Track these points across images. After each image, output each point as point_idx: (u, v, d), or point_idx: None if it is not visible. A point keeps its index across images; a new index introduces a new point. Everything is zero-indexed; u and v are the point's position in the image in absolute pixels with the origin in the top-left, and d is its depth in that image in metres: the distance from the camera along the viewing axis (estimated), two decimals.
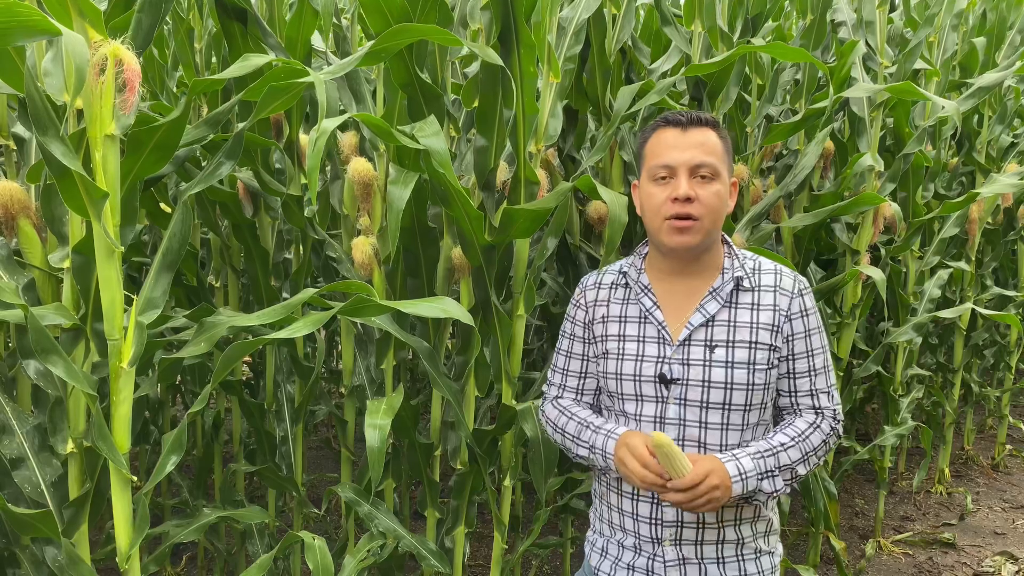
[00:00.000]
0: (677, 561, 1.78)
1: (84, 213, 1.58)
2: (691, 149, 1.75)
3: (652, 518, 1.80)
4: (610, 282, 1.92)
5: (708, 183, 1.75)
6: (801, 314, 1.80)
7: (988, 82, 3.60)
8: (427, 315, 1.75)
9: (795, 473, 1.75)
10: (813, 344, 1.81)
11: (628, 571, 1.84)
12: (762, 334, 1.76)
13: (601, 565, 1.90)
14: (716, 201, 1.75)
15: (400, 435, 2.63)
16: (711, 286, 1.80)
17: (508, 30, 2.14)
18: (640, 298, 1.85)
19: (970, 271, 4.59)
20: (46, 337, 1.61)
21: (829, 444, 1.81)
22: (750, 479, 1.68)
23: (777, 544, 1.90)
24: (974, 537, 4.54)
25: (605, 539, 1.92)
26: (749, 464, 1.69)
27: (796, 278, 1.83)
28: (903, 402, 4.19)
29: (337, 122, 1.73)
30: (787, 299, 1.79)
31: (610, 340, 1.86)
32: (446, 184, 2.06)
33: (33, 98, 1.44)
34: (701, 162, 1.75)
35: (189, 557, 3.99)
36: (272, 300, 2.87)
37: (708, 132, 1.78)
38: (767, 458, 1.71)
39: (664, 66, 3.30)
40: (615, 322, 1.87)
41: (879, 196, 3.14)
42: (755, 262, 1.85)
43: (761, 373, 1.75)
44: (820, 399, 1.82)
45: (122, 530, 1.72)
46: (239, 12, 2.32)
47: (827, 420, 1.81)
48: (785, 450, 1.74)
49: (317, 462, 5.33)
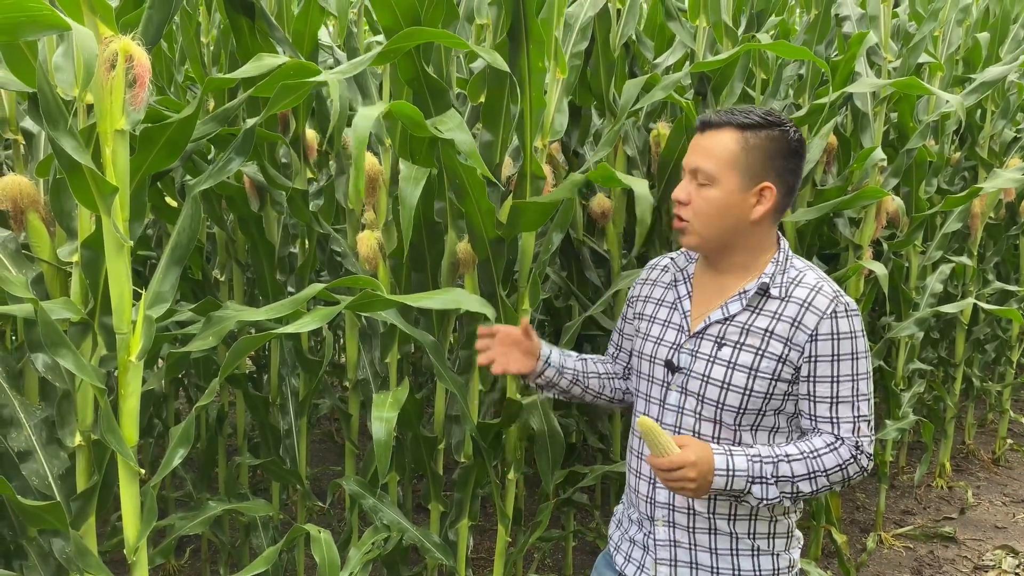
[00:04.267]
0: (668, 542, 1.82)
1: (93, 208, 1.59)
2: (695, 153, 1.76)
3: (648, 497, 1.86)
4: (663, 265, 2.00)
5: (703, 188, 1.74)
6: (831, 337, 1.69)
7: (991, 77, 3.61)
8: (439, 308, 1.76)
9: (796, 488, 1.68)
10: (841, 371, 1.70)
11: (630, 544, 1.93)
12: (774, 344, 1.71)
13: (614, 534, 2.02)
14: (705, 207, 1.73)
15: (404, 428, 2.64)
16: (743, 287, 1.79)
17: (518, 26, 2.15)
18: (676, 285, 1.91)
19: (972, 266, 4.59)
20: (55, 330, 1.62)
21: (847, 473, 1.70)
22: (738, 478, 1.64)
23: (789, 550, 1.84)
24: (975, 531, 4.56)
25: (623, 509, 2.02)
26: (742, 464, 1.65)
27: (837, 299, 1.71)
28: (904, 396, 4.20)
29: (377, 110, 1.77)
30: (815, 318, 1.69)
31: (643, 320, 1.94)
32: (465, 177, 2.07)
33: (44, 93, 1.45)
34: (696, 167, 1.75)
35: (193, 550, 4.00)
36: (277, 294, 2.88)
37: (723, 135, 1.72)
38: (765, 464, 1.66)
39: (668, 61, 3.30)
40: (652, 303, 1.94)
41: (883, 190, 3.14)
42: (799, 273, 1.77)
43: (763, 382, 1.72)
44: (840, 428, 1.71)
45: (130, 522, 1.73)
46: (247, 6, 2.32)
47: (847, 447, 1.70)
48: (789, 462, 1.68)
49: (320, 455, 5.34)
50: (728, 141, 1.72)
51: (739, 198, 1.72)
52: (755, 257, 1.80)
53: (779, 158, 1.73)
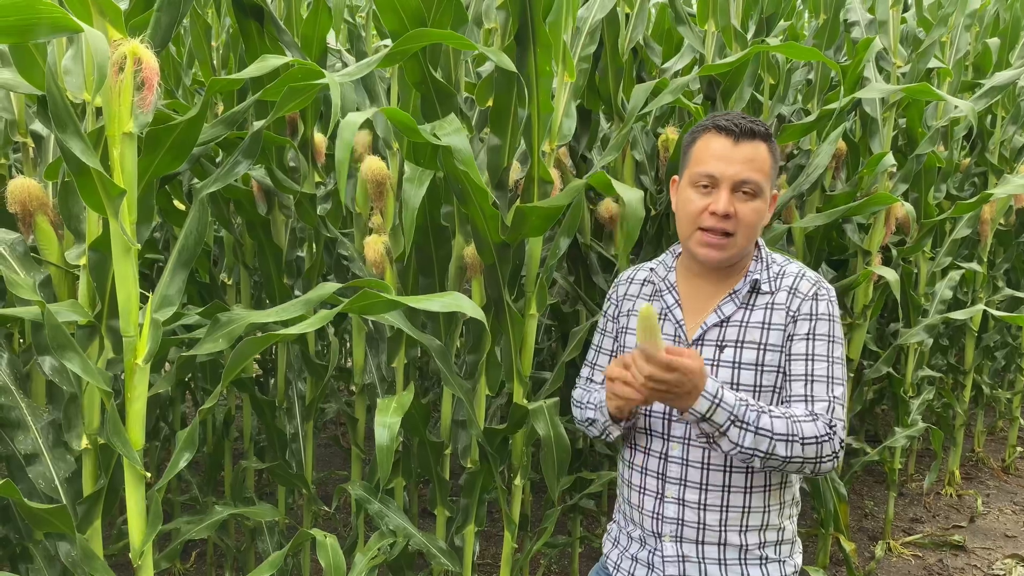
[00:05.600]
0: (676, 558, 1.79)
1: (101, 210, 1.59)
2: (738, 164, 1.72)
3: (654, 513, 1.82)
4: (642, 278, 1.97)
5: (749, 199, 1.74)
6: (809, 317, 1.73)
7: (1001, 81, 3.59)
8: (438, 310, 1.75)
9: (772, 448, 1.61)
10: (816, 349, 1.72)
11: (632, 562, 1.88)
12: (773, 335, 1.74)
13: (611, 553, 1.96)
14: (754, 218, 1.75)
15: (410, 433, 2.63)
16: (732, 288, 1.81)
17: (525, 29, 2.14)
18: (663, 295, 1.88)
19: (982, 272, 4.57)
20: (62, 333, 1.62)
21: (821, 449, 1.65)
22: (722, 410, 1.59)
23: (793, 555, 1.84)
24: (984, 539, 4.53)
25: (619, 528, 1.97)
26: (730, 398, 1.60)
27: (818, 284, 1.77)
28: (913, 403, 4.18)
29: (363, 116, 1.74)
30: (799, 300, 1.75)
31: (630, 333, 1.91)
32: (465, 182, 2.06)
33: (53, 96, 1.44)
34: (746, 179, 1.73)
35: (199, 553, 4.00)
36: (285, 298, 2.87)
37: (759, 146, 1.74)
38: (750, 410, 1.61)
39: (677, 65, 3.29)
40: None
41: (892, 196, 3.12)
42: (781, 267, 1.82)
43: (770, 375, 1.73)
44: (815, 406, 1.69)
45: (136, 526, 1.73)
46: (256, 10, 2.32)
47: (823, 423, 1.66)
48: (771, 417, 1.62)
49: (326, 459, 5.34)
50: (765, 152, 1.76)
51: (767, 207, 1.80)
52: (747, 256, 1.84)
53: (776, 168, 1.83)
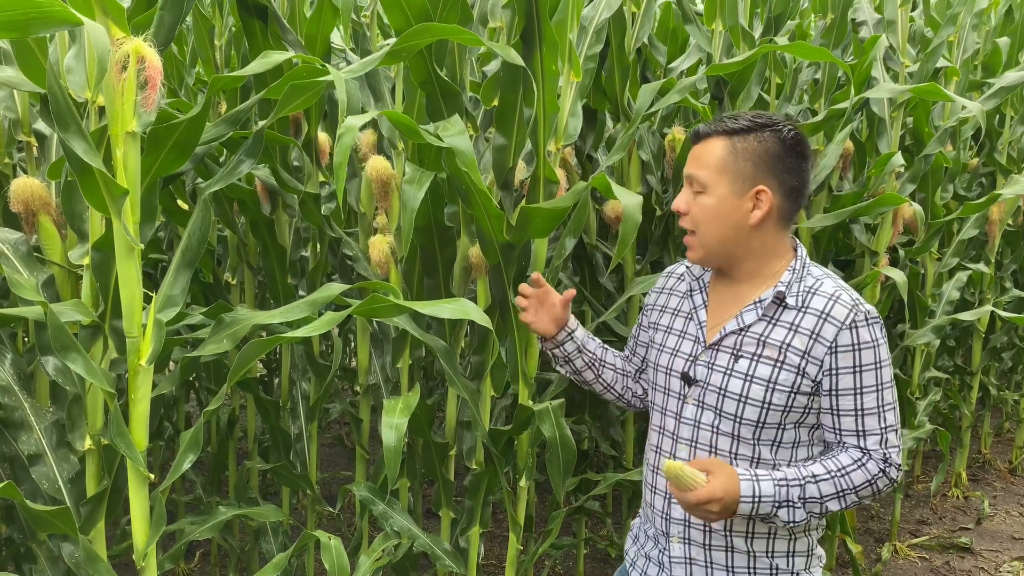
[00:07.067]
0: (684, 560, 1.78)
1: (104, 210, 1.58)
2: (689, 162, 1.78)
3: (663, 512, 1.83)
4: (680, 272, 1.98)
5: (698, 197, 1.74)
6: (852, 348, 1.65)
7: (1010, 82, 3.56)
8: (445, 316, 1.74)
9: (825, 508, 1.64)
10: (864, 381, 1.66)
11: (646, 560, 1.90)
12: (791, 356, 1.66)
13: (630, 550, 1.99)
14: (701, 215, 1.73)
15: (415, 434, 2.62)
16: (758, 295, 1.74)
17: (531, 28, 2.13)
18: (693, 295, 1.87)
19: (989, 273, 4.54)
20: (65, 334, 1.61)
21: (876, 487, 1.66)
22: (764, 503, 1.61)
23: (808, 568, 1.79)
24: (991, 542, 4.50)
25: (639, 525, 1.98)
26: (768, 489, 1.61)
27: (856, 308, 1.66)
28: (920, 405, 4.16)
29: (363, 119, 1.73)
30: (834, 329, 1.64)
31: (658, 330, 1.92)
32: (468, 183, 2.05)
33: (55, 95, 1.44)
34: (690, 174, 1.76)
35: (203, 554, 3.99)
36: (288, 298, 2.87)
37: (712, 143, 1.73)
38: (792, 487, 1.62)
39: (683, 65, 3.28)
40: (668, 314, 1.92)
41: (900, 197, 3.10)
42: (816, 282, 1.71)
43: (781, 395, 1.67)
44: (867, 441, 1.67)
45: (139, 527, 1.72)
46: (259, 9, 2.31)
47: (875, 461, 1.66)
48: (817, 483, 1.63)
49: (330, 460, 5.33)
50: (717, 148, 1.72)
51: (733, 204, 1.71)
52: (766, 264, 1.76)
53: (772, 159, 1.70)
